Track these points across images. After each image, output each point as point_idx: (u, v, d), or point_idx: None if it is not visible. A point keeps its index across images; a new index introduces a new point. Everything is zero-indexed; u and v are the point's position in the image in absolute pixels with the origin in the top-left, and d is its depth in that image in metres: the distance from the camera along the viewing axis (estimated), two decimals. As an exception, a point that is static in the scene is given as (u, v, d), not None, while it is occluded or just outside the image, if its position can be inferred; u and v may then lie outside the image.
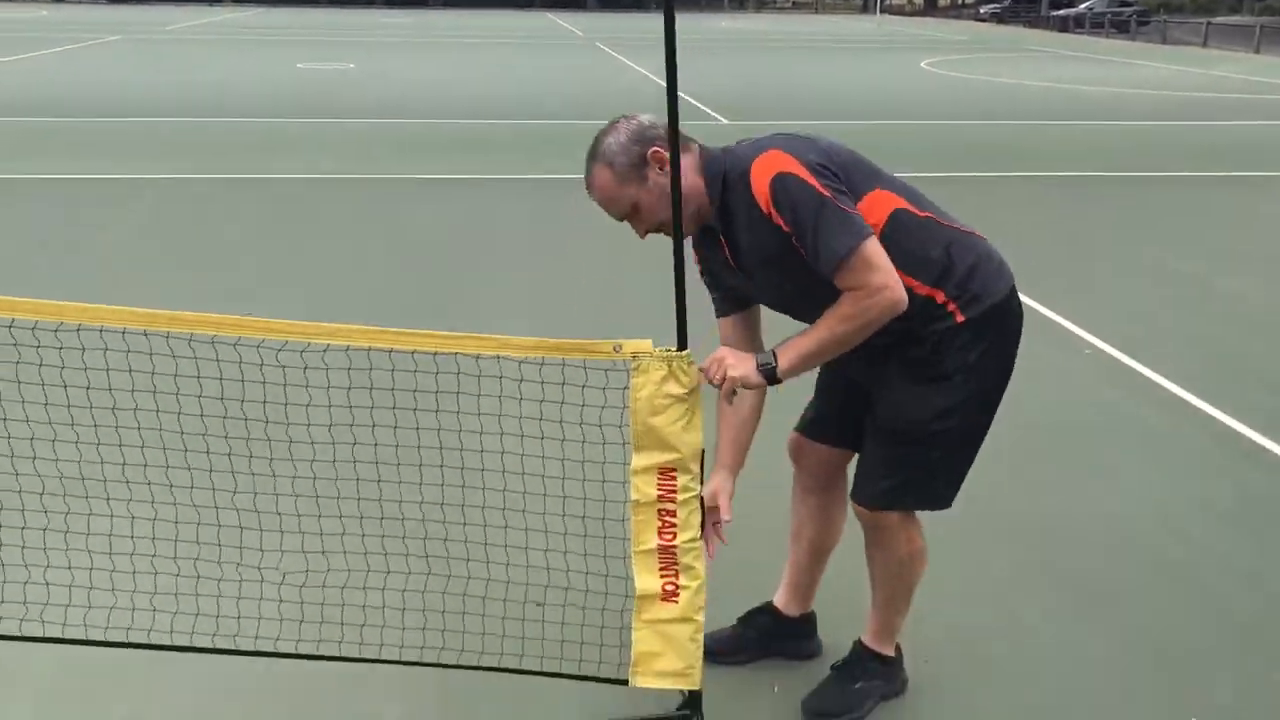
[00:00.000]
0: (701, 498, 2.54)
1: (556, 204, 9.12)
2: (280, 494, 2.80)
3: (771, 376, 2.45)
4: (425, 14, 54.43)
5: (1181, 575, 3.60)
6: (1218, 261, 7.82)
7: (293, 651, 2.74)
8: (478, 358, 2.36)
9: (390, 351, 2.31)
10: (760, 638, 3.07)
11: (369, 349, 2.31)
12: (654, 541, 2.55)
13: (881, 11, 62.49)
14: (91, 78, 18.78)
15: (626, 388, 2.41)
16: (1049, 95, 19.44)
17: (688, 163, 2.46)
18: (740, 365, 2.45)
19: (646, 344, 2.39)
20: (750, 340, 2.69)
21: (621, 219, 2.54)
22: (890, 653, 2.91)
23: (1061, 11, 49.16)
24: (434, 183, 10.17)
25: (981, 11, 59.49)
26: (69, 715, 2.72)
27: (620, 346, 2.39)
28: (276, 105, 15.68)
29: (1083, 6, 49.12)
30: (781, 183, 2.36)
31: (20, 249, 7.42)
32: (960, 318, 2.50)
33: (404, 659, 2.72)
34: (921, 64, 26.59)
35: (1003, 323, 2.56)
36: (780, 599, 3.10)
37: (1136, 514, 4.01)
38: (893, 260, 2.39)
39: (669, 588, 2.59)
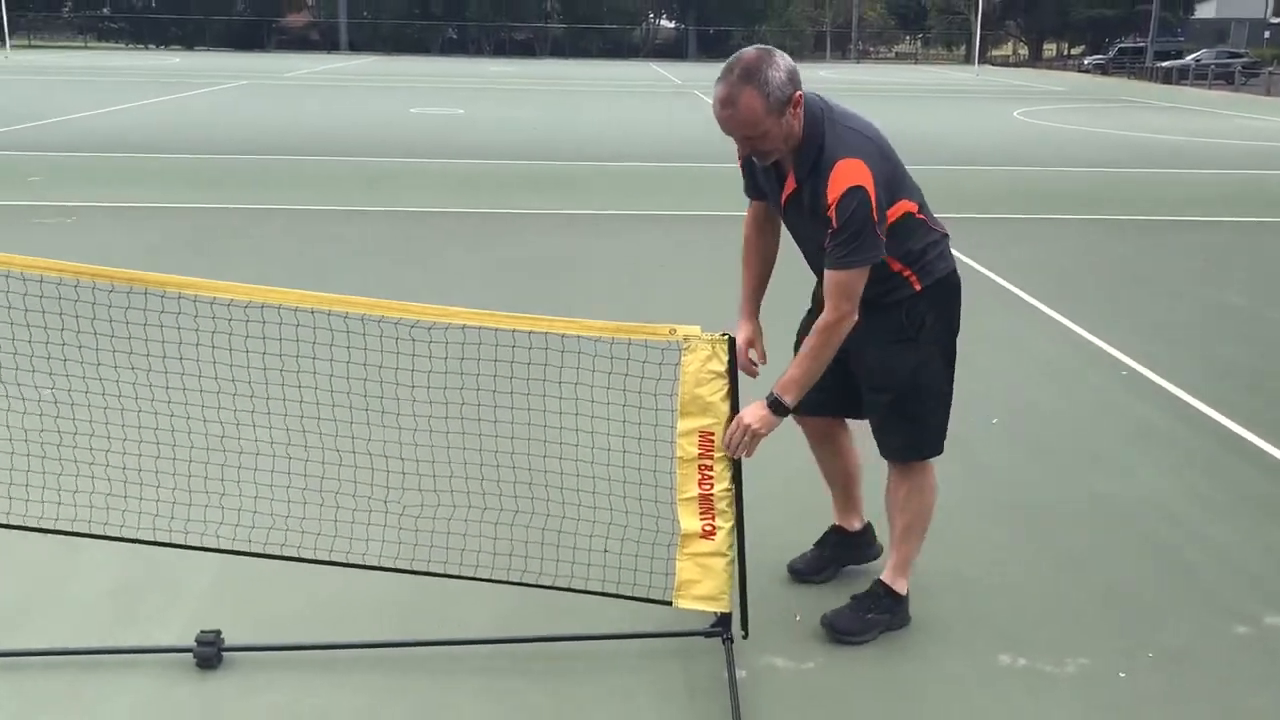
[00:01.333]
0: (734, 461, 3.17)
1: (639, 236, 9.91)
2: (404, 443, 3.54)
3: (783, 410, 3.10)
4: (532, 63, 56.18)
5: (1166, 550, 4.15)
6: (1269, 296, 8.23)
7: (407, 568, 3.47)
8: (563, 337, 3.06)
9: (495, 330, 3.01)
10: (835, 553, 3.78)
11: (479, 327, 3.03)
12: (695, 490, 3.17)
13: (983, 62, 62.56)
14: (225, 119, 20.25)
15: (677, 364, 3.07)
16: (1134, 144, 19.69)
17: (799, 111, 2.96)
18: (756, 419, 3.05)
19: (695, 329, 3.01)
20: (768, 220, 3.42)
21: (740, 136, 2.95)
22: (903, 591, 3.55)
23: (1167, 63, 48.82)
24: (534, 216, 11.02)
25: (1085, 63, 59.30)
26: (233, 612, 3.48)
27: (675, 330, 3.02)
28: (392, 145, 16.81)
29: (1189, 58, 48.75)
30: (851, 196, 2.91)
31: (192, 263, 8.39)
32: (918, 287, 3.24)
33: (494, 578, 3.43)
34: (1014, 113, 26.93)
35: (946, 292, 3.31)
36: (839, 519, 3.82)
37: (1139, 501, 4.57)
38: (889, 245, 3.08)
39: (708, 528, 3.21)
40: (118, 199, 11.37)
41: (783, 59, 2.92)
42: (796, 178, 3.09)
